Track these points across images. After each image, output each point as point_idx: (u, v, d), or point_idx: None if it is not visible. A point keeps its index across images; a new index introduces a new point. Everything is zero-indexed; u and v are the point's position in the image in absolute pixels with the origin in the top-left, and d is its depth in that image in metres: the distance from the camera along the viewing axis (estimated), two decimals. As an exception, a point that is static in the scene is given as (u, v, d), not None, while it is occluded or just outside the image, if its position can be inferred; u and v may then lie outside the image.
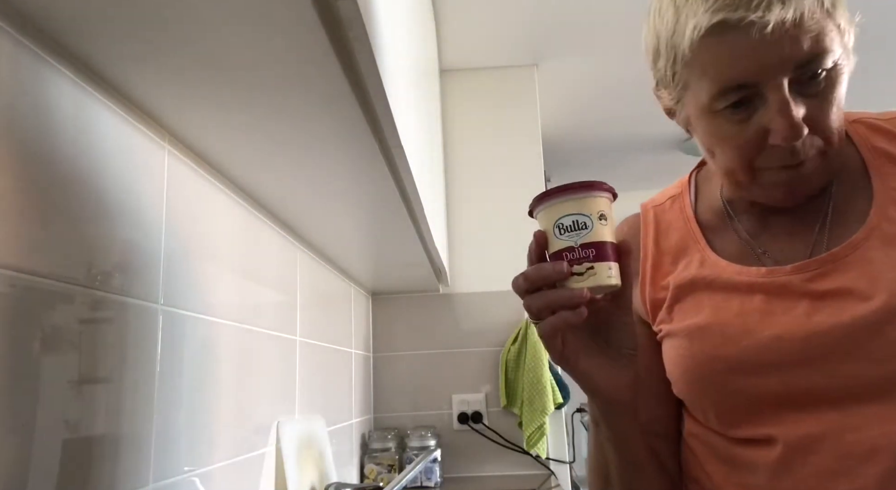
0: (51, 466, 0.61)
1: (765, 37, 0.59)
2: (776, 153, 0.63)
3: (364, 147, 0.91)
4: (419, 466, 1.53)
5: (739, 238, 0.73)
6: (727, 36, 0.60)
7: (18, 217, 0.59)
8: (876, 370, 0.60)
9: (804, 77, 0.61)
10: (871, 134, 0.70)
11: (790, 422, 0.64)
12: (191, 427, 0.89)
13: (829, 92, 0.62)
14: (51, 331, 0.62)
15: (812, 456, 0.63)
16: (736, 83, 0.62)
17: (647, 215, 0.82)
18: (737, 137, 0.65)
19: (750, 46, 0.60)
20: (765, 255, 0.70)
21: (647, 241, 0.79)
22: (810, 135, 0.62)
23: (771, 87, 0.61)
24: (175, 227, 0.88)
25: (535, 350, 2.04)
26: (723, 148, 0.67)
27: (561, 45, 2.26)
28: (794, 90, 0.61)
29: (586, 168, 3.58)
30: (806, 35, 0.59)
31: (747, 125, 0.64)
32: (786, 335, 0.65)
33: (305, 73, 0.71)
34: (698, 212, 0.78)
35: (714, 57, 0.62)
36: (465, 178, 2.31)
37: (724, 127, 0.65)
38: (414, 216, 1.30)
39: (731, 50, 0.61)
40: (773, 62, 0.60)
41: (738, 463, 0.68)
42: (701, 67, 0.64)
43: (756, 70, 0.60)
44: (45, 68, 0.64)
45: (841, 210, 0.68)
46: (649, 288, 0.78)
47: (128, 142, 0.78)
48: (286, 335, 1.32)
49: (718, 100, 0.64)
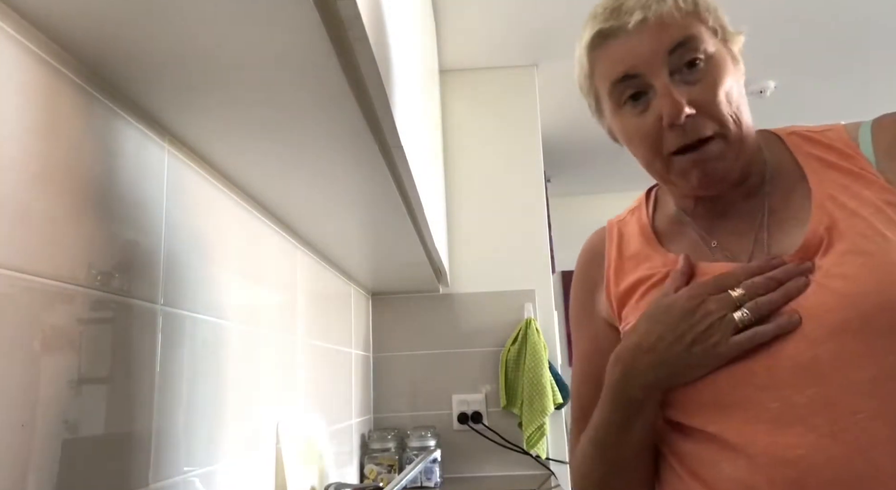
0: (51, 466, 0.61)
1: (632, 35, 0.72)
2: (673, 135, 0.72)
3: (364, 147, 0.91)
4: (419, 466, 1.53)
5: (694, 237, 0.79)
6: (607, 42, 0.75)
7: (18, 217, 0.59)
8: (809, 352, 0.63)
9: (681, 65, 0.71)
10: (804, 142, 0.76)
11: (726, 418, 0.67)
12: (191, 427, 0.89)
13: (711, 78, 0.71)
14: (51, 331, 0.62)
15: (737, 453, 0.65)
16: (621, 74, 0.73)
17: (611, 230, 0.89)
18: (641, 128, 0.74)
19: (624, 44, 0.73)
20: (717, 249, 0.76)
21: (611, 251, 0.86)
22: (700, 116, 0.70)
23: (653, 75, 0.72)
24: (175, 228, 0.88)
25: (535, 350, 2.05)
26: (635, 143, 0.76)
27: (561, 45, 2.26)
28: (676, 79, 0.71)
29: (586, 168, 3.58)
30: (669, 28, 0.71)
31: (646, 115, 0.73)
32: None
33: (305, 73, 0.71)
34: (656, 221, 0.85)
35: (602, 61, 0.76)
36: (465, 178, 2.31)
37: (630, 122, 0.75)
38: (414, 216, 1.30)
39: (611, 51, 0.74)
40: (646, 52, 0.72)
41: (698, 462, 0.70)
42: (598, 73, 0.77)
43: (634, 61, 0.72)
44: (44, 67, 0.64)
45: (779, 208, 0.74)
46: (613, 287, 0.83)
47: (128, 142, 0.78)
48: (286, 335, 1.32)
49: (615, 94, 0.75)
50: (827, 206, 0.69)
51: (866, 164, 0.70)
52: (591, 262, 0.89)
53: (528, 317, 2.13)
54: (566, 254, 3.73)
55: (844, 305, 0.62)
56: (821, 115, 2.93)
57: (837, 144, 0.73)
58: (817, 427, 0.61)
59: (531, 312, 2.16)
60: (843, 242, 0.66)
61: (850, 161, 0.71)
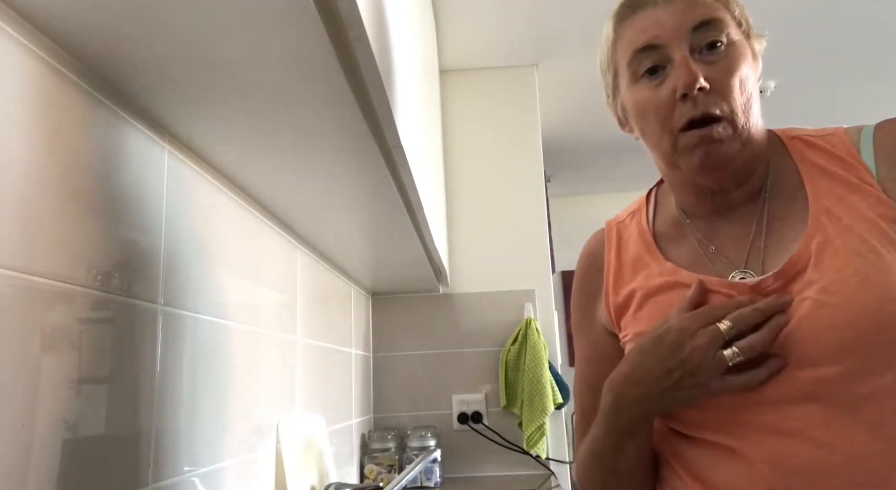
0: (51, 466, 0.61)
1: (660, 7, 0.74)
2: (684, 108, 0.73)
3: (364, 147, 0.91)
4: (419, 466, 1.53)
5: (693, 244, 0.79)
6: (635, 13, 0.77)
7: (18, 217, 0.59)
8: (810, 373, 0.64)
9: (702, 44, 0.73)
10: (806, 149, 0.76)
11: (727, 430, 0.68)
12: (191, 427, 0.89)
13: (728, 62, 0.73)
14: (51, 331, 0.62)
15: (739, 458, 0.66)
16: (644, 44, 0.75)
17: (610, 232, 0.89)
18: (655, 99, 0.75)
19: (651, 16, 0.75)
20: (715, 256, 0.76)
21: (610, 256, 0.86)
22: (712, 93, 0.72)
23: (674, 47, 0.73)
24: (175, 227, 0.88)
25: (535, 350, 2.05)
26: (647, 115, 0.77)
27: (561, 45, 2.26)
28: (695, 57, 0.73)
29: (586, 168, 3.58)
30: (697, 6, 0.73)
31: (661, 88, 0.74)
32: None
33: (305, 73, 0.71)
34: (656, 224, 0.84)
35: (628, 30, 0.77)
36: (465, 178, 2.31)
37: (645, 94, 0.76)
38: (414, 216, 1.30)
39: (638, 22, 0.76)
40: (671, 25, 0.73)
41: (699, 466, 0.71)
42: (622, 42, 0.78)
43: (658, 32, 0.74)
44: (45, 68, 0.64)
45: (777, 216, 0.74)
46: (612, 296, 0.83)
47: (129, 142, 0.78)
48: (286, 335, 1.32)
49: (633, 64, 0.77)
50: (822, 220, 0.69)
51: (865, 173, 0.70)
52: (590, 267, 0.89)
53: (528, 317, 2.13)
54: (566, 254, 3.73)
55: (842, 326, 0.63)
56: (821, 115, 2.93)
57: (839, 152, 0.73)
58: (816, 438, 0.62)
59: (531, 312, 2.16)
60: (839, 259, 0.66)
61: (851, 171, 0.71)
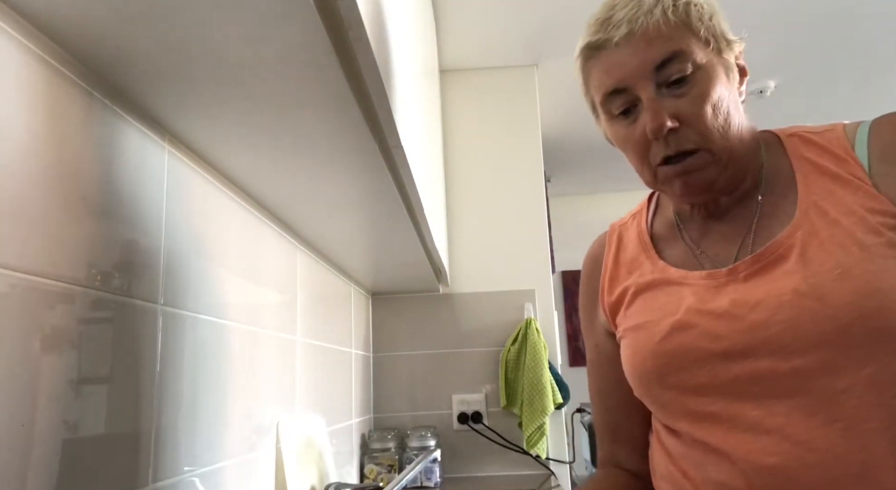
0: (51, 466, 0.61)
1: (619, 48, 0.73)
2: (658, 147, 0.73)
3: (364, 147, 0.91)
4: (419, 466, 1.52)
5: (685, 245, 0.80)
6: (597, 54, 0.75)
7: (18, 217, 0.59)
8: (788, 364, 0.64)
9: (669, 79, 0.71)
10: (802, 145, 0.77)
11: (709, 426, 0.69)
12: (191, 427, 0.89)
13: (698, 91, 0.71)
14: (51, 331, 0.62)
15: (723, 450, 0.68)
16: (612, 88, 0.74)
17: (612, 234, 0.91)
18: (630, 139, 0.75)
19: (613, 58, 0.73)
20: (703, 256, 0.77)
21: (609, 258, 0.88)
22: (684, 128, 0.71)
23: (640, 89, 0.72)
24: (175, 227, 0.88)
25: (535, 350, 2.05)
26: (627, 152, 0.78)
27: (561, 45, 2.26)
28: (663, 93, 0.72)
29: (586, 168, 3.58)
30: (656, 42, 0.71)
31: (635, 126, 0.74)
32: (713, 330, 0.69)
33: (305, 73, 0.71)
34: (654, 225, 0.86)
35: (594, 71, 0.77)
36: (465, 178, 2.31)
37: (622, 132, 0.77)
38: (414, 216, 1.30)
39: (602, 63, 0.75)
40: (633, 65, 0.72)
41: (687, 463, 0.72)
42: (592, 81, 0.78)
43: (621, 75, 0.73)
44: (44, 68, 0.64)
45: (768, 214, 0.75)
46: (606, 296, 0.85)
47: (128, 142, 0.78)
48: (286, 335, 1.32)
49: (606, 106, 0.77)
50: (810, 214, 0.70)
51: (858, 168, 0.70)
52: (592, 271, 0.91)
53: (528, 317, 2.13)
54: (566, 254, 3.74)
55: (822, 317, 0.63)
56: (821, 115, 2.93)
57: (833, 147, 0.73)
58: (794, 435, 0.62)
59: (531, 312, 2.16)
60: (822, 251, 0.66)
61: (843, 165, 0.71)
